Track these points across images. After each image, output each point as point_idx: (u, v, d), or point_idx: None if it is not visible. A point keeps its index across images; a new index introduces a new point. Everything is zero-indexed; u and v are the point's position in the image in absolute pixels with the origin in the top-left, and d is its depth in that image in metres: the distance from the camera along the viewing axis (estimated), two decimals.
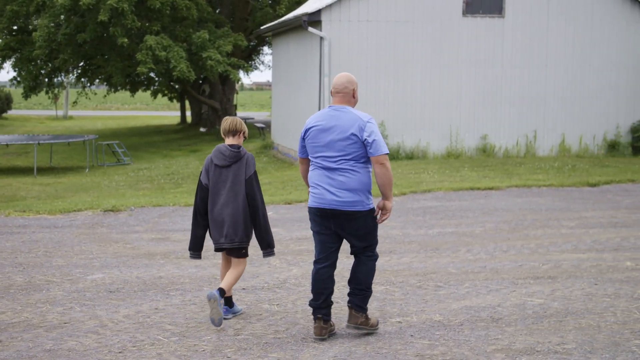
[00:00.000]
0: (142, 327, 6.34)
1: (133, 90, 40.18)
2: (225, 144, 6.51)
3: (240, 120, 6.60)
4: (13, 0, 30.70)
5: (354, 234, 6.03)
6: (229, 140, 6.53)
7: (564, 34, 20.82)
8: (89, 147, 27.10)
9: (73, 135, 30.89)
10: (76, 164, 27.49)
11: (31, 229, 10.79)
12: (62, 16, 29.49)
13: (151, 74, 31.91)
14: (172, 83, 35.99)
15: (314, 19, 19.75)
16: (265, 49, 43.47)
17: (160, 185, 20.38)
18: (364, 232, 6.03)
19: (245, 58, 37.83)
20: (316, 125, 6.01)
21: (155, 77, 34.94)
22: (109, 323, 6.46)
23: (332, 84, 6.09)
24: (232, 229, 6.39)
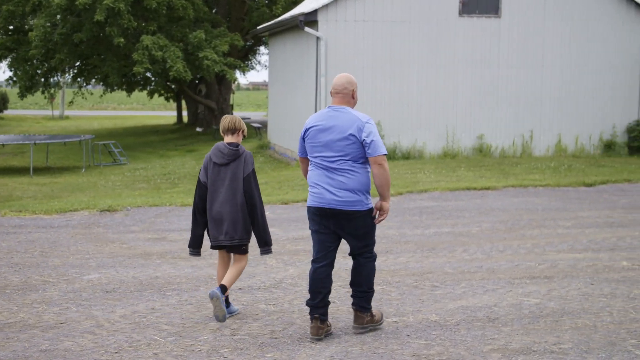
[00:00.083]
0: (138, 327, 6.34)
1: (129, 90, 40.14)
2: (224, 142, 6.54)
3: (240, 118, 6.63)
4: (9, 0, 30.66)
5: (353, 234, 6.04)
6: (228, 139, 6.55)
7: (560, 34, 20.84)
8: (85, 147, 27.07)
9: (69, 135, 30.86)
10: (72, 164, 27.46)
11: (27, 229, 10.77)
12: (58, 16, 29.48)
13: (147, 74, 31.88)
14: (168, 83, 35.96)
15: (311, 19, 19.75)
16: (262, 49, 43.49)
17: (156, 185, 20.36)
18: (363, 231, 6.05)
19: (242, 58, 37.82)
20: (315, 126, 6.03)
21: (151, 77, 34.91)
22: (105, 323, 6.45)
23: (332, 84, 6.12)
24: (231, 226, 6.41)
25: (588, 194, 14.29)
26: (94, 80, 37.61)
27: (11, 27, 33.72)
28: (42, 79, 33.83)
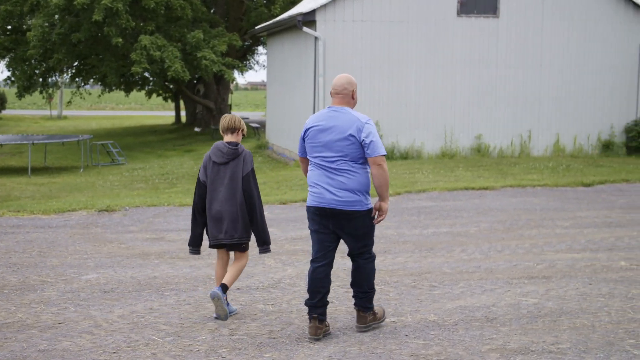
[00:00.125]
0: (136, 327, 6.33)
1: (127, 90, 40.13)
2: (224, 142, 6.56)
3: (239, 118, 6.66)
4: (7, 0, 30.64)
5: (352, 234, 6.06)
6: (227, 138, 6.58)
7: (559, 34, 20.85)
8: (84, 147, 27.05)
9: (67, 135, 30.84)
10: (70, 163, 27.45)
11: (25, 229, 10.77)
12: (57, 16, 29.44)
13: (146, 74, 31.86)
14: (166, 83, 35.95)
15: (309, 19, 19.75)
16: (260, 49, 43.45)
17: (154, 185, 20.35)
18: (362, 232, 6.07)
19: (240, 58, 37.81)
20: (315, 126, 6.05)
21: (149, 77, 34.88)
22: (104, 323, 6.45)
23: (332, 85, 6.14)
24: (231, 225, 6.44)
25: (586, 194, 14.30)
26: (92, 80, 37.60)
27: (9, 27, 33.72)
28: (40, 79, 33.81)
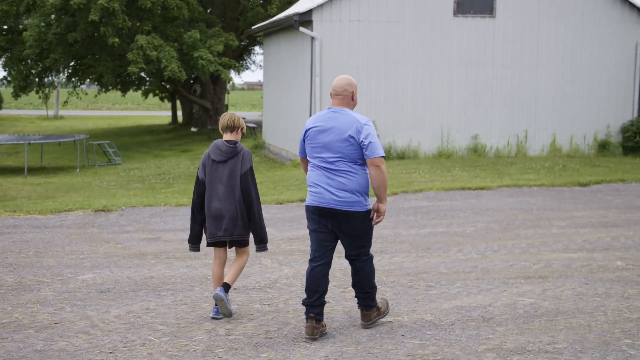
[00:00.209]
0: (133, 328, 6.33)
1: (124, 90, 40.09)
2: (223, 140, 6.60)
3: (239, 116, 6.70)
4: (3, 0, 30.60)
5: (351, 234, 6.09)
6: (226, 136, 6.63)
7: (555, 34, 20.87)
8: (80, 147, 27.02)
9: (64, 135, 30.80)
10: (67, 164, 27.42)
11: (22, 229, 10.75)
12: (53, 16, 29.42)
13: (142, 74, 31.85)
14: (163, 83, 35.92)
15: (305, 19, 19.75)
16: (257, 49, 43.44)
17: (151, 185, 20.34)
18: (360, 232, 6.10)
19: (237, 58, 37.79)
20: (315, 127, 6.09)
21: (146, 77, 34.86)
22: (100, 323, 6.44)
23: (332, 86, 6.18)
24: (230, 223, 6.49)
25: (582, 193, 14.31)
26: (88, 80, 37.53)
27: (5, 27, 33.66)
28: (37, 79, 33.76)
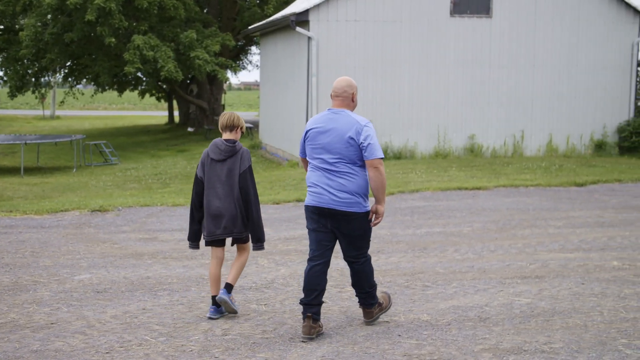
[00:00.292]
0: (129, 328, 6.33)
1: (120, 90, 40.06)
2: (222, 139, 6.62)
3: (238, 115, 6.71)
4: None
5: (350, 235, 6.11)
6: (226, 135, 6.65)
7: (552, 34, 20.89)
8: (76, 147, 26.99)
9: (60, 135, 30.77)
10: (63, 164, 27.39)
11: (18, 229, 10.74)
12: (49, 15, 29.37)
13: (139, 74, 31.79)
14: (159, 83, 35.88)
15: (302, 19, 19.74)
16: (253, 49, 43.43)
17: (147, 185, 20.32)
18: (359, 233, 6.13)
19: (233, 58, 37.78)
20: (315, 128, 6.12)
21: (142, 77, 34.81)
22: (96, 323, 6.44)
23: (332, 87, 6.22)
24: (230, 222, 6.53)
25: (579, 193, 14.33)
26: (85, 80, 37.51)
27: (1, 27, 33.61)
28: (33, 79, 33.72)
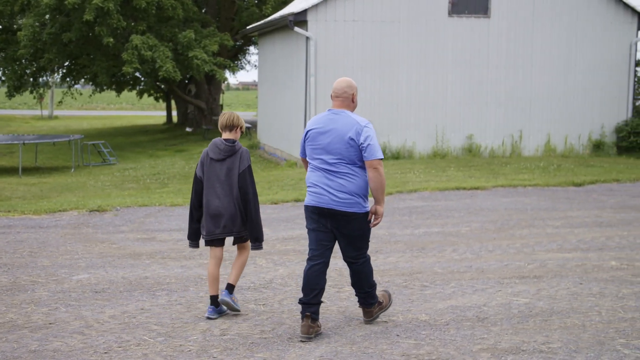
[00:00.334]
0: (127, 328, 6.32)
1: (119, 90, 40.03)
2: (221, 138, 6.64)
3: (238, 115, 6.73)
4: None
5: (350, 235, 6.13)
6: (225, 135, 6.68)
7: (550, 34, 20.90)
8: (75, 147, 26.97)
9: (58, 135, 30.73)
10: (61, 164, 27.37)
11: (16, 229, 10.73)
12: (47, 15, 29.34)
13: (137, 74, 31.77)
14: (158, 83, 35.87)
15: (300, 19, 19.74)
16: (252, 49, 43.39)
17: (146, 185, 20.31)
18: (359, 233, 6.15)
19: (231, 58, 37.76)
20: (315, 128, 6.15)
21: (141, 77, 34.80)
22: (95, 323, 6.43)
23: (332, 88, 6.24)
24: (230, 221, 6.56)
25: (577, 193, 14.34)
26: (83, 80, 37.48)
27: None
28: (31, 79, 33.69)
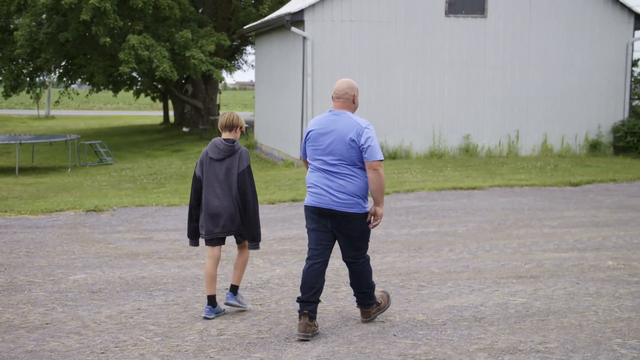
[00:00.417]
0: (124, 328, 6.32)
1: (115, 90, 40.00)
2: (221, 138, 6.66)
3: (238, 115, 6.74)
4: None
5: (350, 235, 6.15)
6: (225, 135, 6.69)
7: (546, 34, 20.91)
8: (71, 147, 26.93)
9: (55, 135, 30.70)
10: (58, 164, 27.34)
11: (13, 229, 10.72)
12: (44, 15, 29.32)
13: (134, 74, 31.75)
14: (154, 83, 35.84)
15: (297, 19, 19.74)
16: (249, 49, 43.40)
17: (142, 185, 20.30)
18: (359, 234, 6.17)
19: (228, 58, 37.74)
20: (316, 129, 6.17)
21: (137, 77, 34.75)
22: (91, 324, 6.43)
23: (333, 89, 6.27)
24: (229, 220, 6.58)
25: (574, 193, 14.35)
26: (79, 80, 37.41)
27: None
28: (28, 79, 33.64)
